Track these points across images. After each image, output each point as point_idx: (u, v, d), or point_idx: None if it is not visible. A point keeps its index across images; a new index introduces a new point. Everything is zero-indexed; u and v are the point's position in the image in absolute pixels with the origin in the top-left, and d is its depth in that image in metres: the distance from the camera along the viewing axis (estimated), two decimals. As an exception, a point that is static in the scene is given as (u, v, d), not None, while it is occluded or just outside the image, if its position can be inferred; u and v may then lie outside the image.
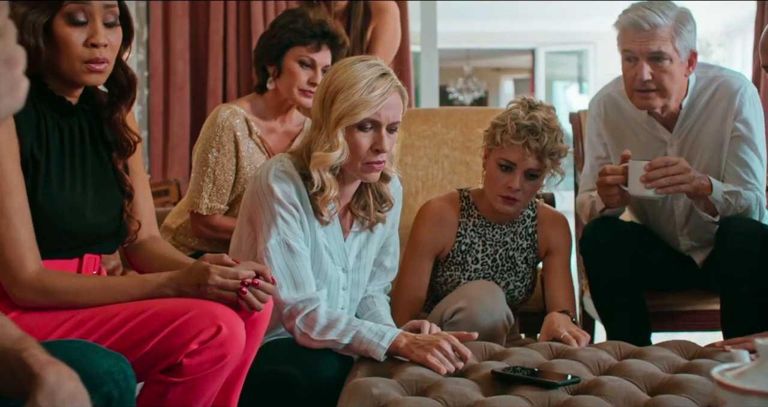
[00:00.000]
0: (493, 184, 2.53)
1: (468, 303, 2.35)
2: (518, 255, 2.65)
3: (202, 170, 2.71)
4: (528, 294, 2.70)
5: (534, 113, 2.48)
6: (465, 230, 2.63)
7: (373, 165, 2.12)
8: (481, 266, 2.63)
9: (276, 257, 2.10)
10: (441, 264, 2.65)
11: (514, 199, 2.50)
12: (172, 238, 2.84)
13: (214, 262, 1.82)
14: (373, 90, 2.09)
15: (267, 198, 2.11)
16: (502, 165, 2.50)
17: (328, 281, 2.21)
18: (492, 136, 2.53)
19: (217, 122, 2.69)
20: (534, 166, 2.47)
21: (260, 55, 2.76)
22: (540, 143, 2.44)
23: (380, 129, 2.11)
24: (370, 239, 2.31)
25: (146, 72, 5.09)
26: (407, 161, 3.48)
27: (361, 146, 2.11)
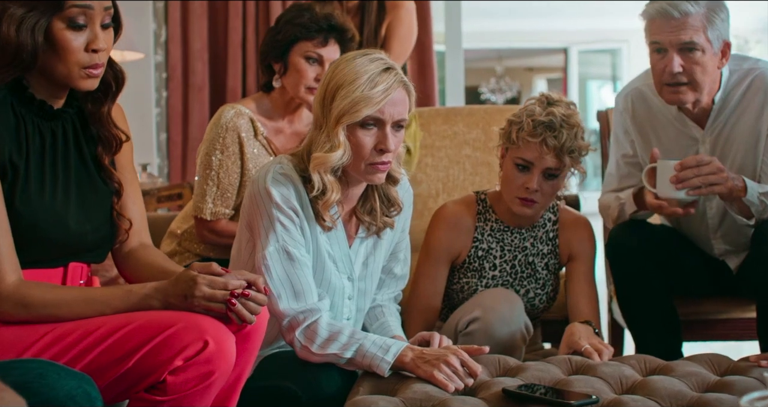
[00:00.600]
0: (509, 185, 2.40)
1: (483, 313, 2.22)
2: (539, 261, 2.52)
3: (205, 174, 2.60)
4: (549, 302, 2.56)
5: (552, 108, 2.34)
6: (482, 234, 2.50)
7: (377, 166, 1.99)
8: (499, 273, 2.50)
9: (274, 265, 1.97)
10: (457, 271, 2.52)
11: (533, 200, 2.37)
12: (177, 244, 2.73)
13: (202, 271, 1.70)
14: (376, 85, 1.96)
15: (265, 203, 1.99)
16: (518, 165, 2.37)
17: (332, 290, 2.08)
18: (507, 134, 2.40)
19: (221, 123, 2.58)
20: (552, 165, 2.34)
21: (265, 51, 2.64)
22: (558, 140, 2.30)
23: (384, 127, 1.98)
24: (377, 245, 2.17)
25: (165, 73, 5.00)
26: (427, 161, 3.37)
27: (364, 146, 1.98)
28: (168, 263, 1.92)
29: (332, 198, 2.00)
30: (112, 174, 1.89)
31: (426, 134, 3.37)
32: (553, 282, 2.54)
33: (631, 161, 2.66)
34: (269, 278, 1.96)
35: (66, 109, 1.84)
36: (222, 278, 1.69)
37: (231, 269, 2.13)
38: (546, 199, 2.40)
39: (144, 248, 1.95)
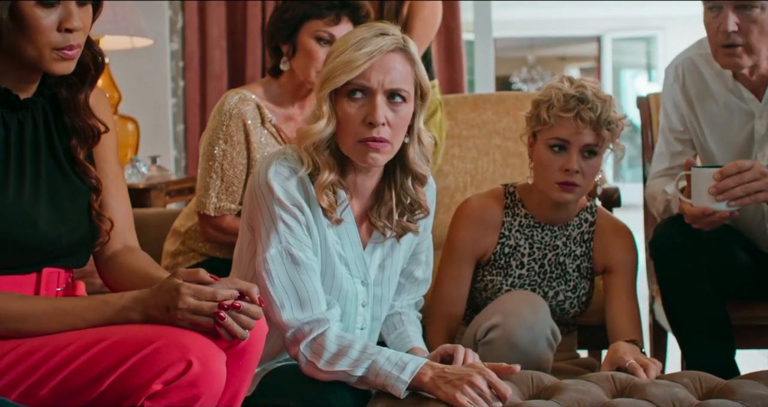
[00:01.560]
0: (546, 171, 2.18)
1: (504, 318, 2.01)
2: (570, 262, 2.31)
3: (208, 166, 2.39)
4: (582, 307, 2.34)
5: (581, 81, 2.17)
6: (509, 230, 2.29)
7: (368, 143, 1.75)
8: (526, 272, 2.28)
9: (276, 269, 1.75)
10: (482, 268, 2.31)
11: (573, 184, 2.16)
12: (181, 243, 2.53)
13: (187, 279, 1.48)
14: (361, 48, 1.74)
15: (266, 199, 1.77)
16: (553, 146, 2.16)
17: (343, 296, 1.85)
18: (536, 115, 2.19)
19: (224, 110, 2.36)
20: (590, 140, 2.14)
21: (272, 32, 2.42)
22: (594, 112, 2.12)
23: (374, 97, 1.75)
24: (395, 246, 1.94)
25: (181, 62, 4.80)
26: (454, 152, 3.18)
27: (350, 119, 1.76)
28: (154, 268, 1.70)
29: (326, 179, 1.78)
30: (88, 169, 1.68)
31: (452, 123, 3.18)
32: (586, 286, 2.32)
33: (682, 138, 2.45)
34: (270, 285, 1.74)
35: (35, 98, 1.63)
36: (210, 287, 1.47)
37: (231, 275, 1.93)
38: (587, 181, 2.19)
39: (128, 252, 1.74)
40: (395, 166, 1.86)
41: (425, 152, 1.86)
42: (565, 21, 12.26)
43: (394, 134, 1.77)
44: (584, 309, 2.34)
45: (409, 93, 1.78)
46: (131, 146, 3.44)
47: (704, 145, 2.43)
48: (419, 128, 1.84)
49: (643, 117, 3.15)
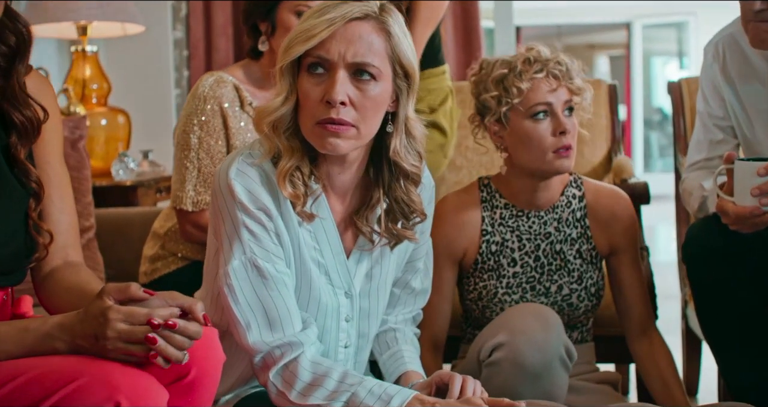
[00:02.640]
0: (538, 143, 2.00)
1: (510, 336, 1.78)
2: (568, 248, 2.08)
3: (183, 155, 2.16)
4: (593, 300, 2.09)
5: (524, 48, 2.05)
6: (491, 225, 2.07)
7: (325, 126, 1.50)
8: (521, 269, 2.06)
9: (240, 284, 1.51)
10: (471, 275, 2.08)
11: (569, 146, 2.00)
12: (160, 246, 2.29)
13: (118, 297, 1.24)
14: (322, 16, 1.50)
15: (226, 203, 1.53)
16: (536, 114, 1.99)
17: (322, 311, 1.60)
18: (504, 90, 2.00)
19: (198, 93, 2.14)
20: (568, 96, 2.02)
21: (249, 10, 2.20)
22: (563, 65, 2.02)
23: (335, 71, 1.50)
24: (385, 252, 1.69)
25: (186, 51, 4.58)
26: (468, 144, 2.94)
27: (308, 97, 1.51)
28: (92, 283, 1.46)
29: (285, 165, 1.53)
30: (29, 171, 1.45)
31: (467, 111, 2.90)
32: (594, 275, 2.09)
33: (722, 125, 2.19)
34: (234, 303, 1.50)
35: None
36: (144, 306, 1.23)
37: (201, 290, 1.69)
38: (575, 141, 2.04)
39: (68, 268, 1.50)
40: (382, 160, 1.61)
41: (416, 146, 1.60)
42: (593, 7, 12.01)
43: (362, 117, 1.51)
44: (596, 302, 2.11)
45: (380, 70, 1.52)
46: (122, 139, 3.21)
47: (748, 133, 2.15)
48: (407, 116, 1.59)
49: (674, 104, 2.92)
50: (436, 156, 2.73)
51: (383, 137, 1.58)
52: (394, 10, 1.56)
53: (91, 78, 3.21)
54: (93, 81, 3.21)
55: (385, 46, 1.53)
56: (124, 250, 2.60)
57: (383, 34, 1.53)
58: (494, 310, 2.04)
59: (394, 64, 1.54)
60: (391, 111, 1.58)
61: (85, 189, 2.44)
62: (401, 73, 1.56)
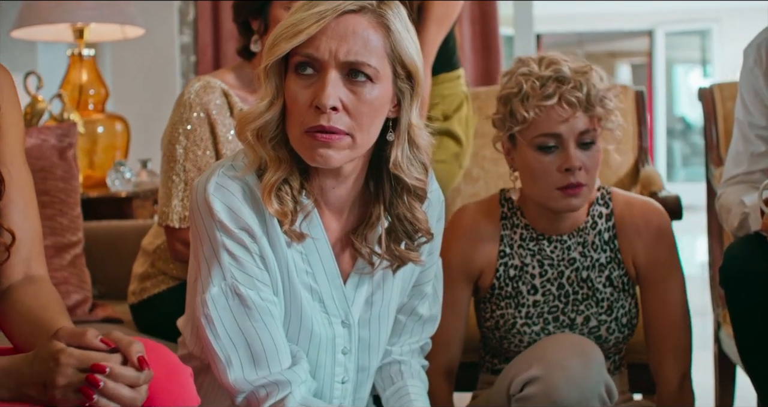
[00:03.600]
0: (541, 177, 1.76)
1: (546, 371, 1.60)
2: (596, 275, 1.86)
3: (169, 168, 1.99)
4: (624, 332, 1.88)
5: (549, 58, 1.75)
6: (510, 247, 1.86)
7: (314, 135, 1.32)
8: (542, 297, 1.85)
9: (220, 314, 1.33)
10: (488, 301, 1.88)
11: (579, 184, 1.74)
12: (150, 264, 2.12)
13: (72, 343, 1.07)
14: (310, 9, 1.31)
15: (205, 221, 1.36)
16: (542, 146, 1.75)
17: (315, 343, 1.42)
18: (510, 113, 1.77)
19: (184, 101, 1.97)
20: (585, 126, 1.74)
21: (240, 6, 2.03)
22: (580, 91, 1.71)
23: (325, 72, 1.32)
24: (387, 275, 1.50)
25: (193, 56, 4.45)
26: (485, 154, 2.80)
27: (296, 101, 1.33)
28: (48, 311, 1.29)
29: (271, 178, 1.35)
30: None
31: (484, 119, 2.74)
32: (626, 304, 1.88)
33: (765, 135, 2.00)
34: (212, 335, 1.33)
35: None
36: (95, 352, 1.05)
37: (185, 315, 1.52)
38: (591, 176, 1.77)
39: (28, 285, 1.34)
40: (382, 173, 1.43)
41: (420, 157, 1.41)
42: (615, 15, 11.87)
43: (357, 124, 1.33)
44: (628, 334, 1.89)
45: (378, 70, 1.34)
46: (120, 148, 3.04)
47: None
48: (410, 123, 1.40)
49: (706, 111, 2.75)
50: (451, 166, 2.55)
51: (383, 147, 1.40)
52: (395, 3, 1.38)
53: (88, 83, 3.05)
54: (90, 86, 3.05)
55: (384, 43, 1.34)
56: (115, 266, 2.43)
57: (381, 30, 1.35)
58: (512, 341, 1.86)
59: (394, 63, 1.36)
60: (392, 117, 1.40)
61: (74, 201, 2.26)
62: (403, 75, 1.37)
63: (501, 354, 1.88)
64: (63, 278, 2.12)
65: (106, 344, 1.10)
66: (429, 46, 2.42)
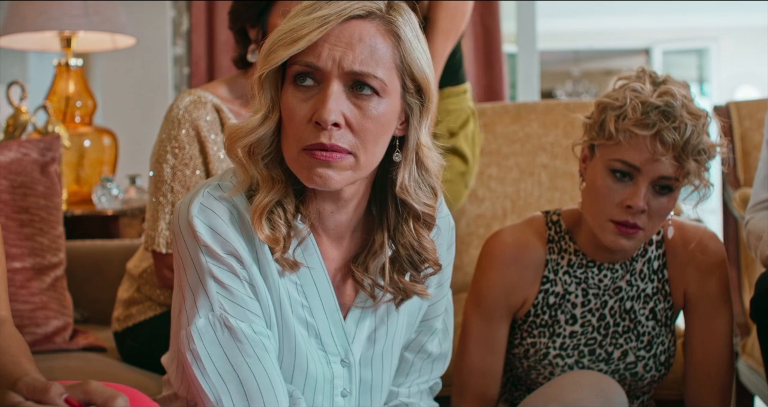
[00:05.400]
0: (600, 202, 1.61)
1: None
2: (640, 307, 1.73)
3: (155, 189, 1.86)
4: (661, 370, 1.74)
5: (667, 87, 1.56)
6: (555, 273, 1.71)
7: (314, 153, 1.19)
8: (580, 328, 1.71)
9: (208, 349, 1.20)
10: (519, 327, 1.74)
11: (635, 227, 1.59)
12: (136, 290, 1.98)
13: (33, 397, 0.93)
14: (312, 13, 1.18)
15: (188, 246, 1.22)
16: (616, 171, 1.59)
17: (310, 383, 1.29)
18: (600, 124, 1.61)
19: (172, 116, 1.83)
20: (669, 172, 1.56)
21: (236, 12, 1.90)
22: (680, 134, 1.53)
23: (327, 83, 1.19)
24: (392, 309, 1.36)
25: (186, 68, 4.33)
26: (491, 172, 2.70)
27: (293, 115, 1.20)
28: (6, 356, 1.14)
29: (262, 201, 1.22)
30: None
31: (490, 136, 2.69)
32: (666, 340, 1.74)
33: None
34: (200, 372, 1.19)
35: None
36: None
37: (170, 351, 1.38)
38: (653, 224, 1.61)
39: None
40: (386, 196, 1.30)
41: (430, 180, 1.28)
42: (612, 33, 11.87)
43: (361, 142, 1.20)
44: (664, 373, 1.75)
45: (386, 83, 1.20)
46: (108, 163, 2.89)
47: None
48: (419, 143, 1.26)
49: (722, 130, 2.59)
50: (456, 186, 2.42)
51: (389, 168, 1.27)
52: (406, 9, 1.25)
53: (75, 94, 2.90)
54: (77, 98, 2.90)
55: (393, 53, 1.21)
56: (100, 289, 2.29)
57: (390, 38, 1.21)
58: (542, 373, 1.71)
59: (403, 76, 1.23)
60: (400, 136, 1.26)
61: (55, 220, 2.11)
62: (412, 89, 1.24)
63: (524, 384, 1.74)
64: (42, 302, 1.98)
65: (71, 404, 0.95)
66: (436, 60, 2.30)
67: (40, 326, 1.94)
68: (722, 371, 1.74)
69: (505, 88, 4.11)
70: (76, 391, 0.98)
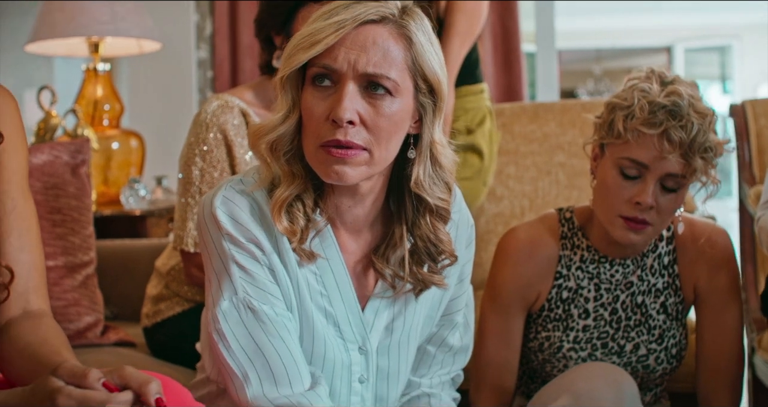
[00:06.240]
0: (610, 198, 1.66)
1: (574, 401, 1.52)
2: (651, 301, 1.77)
3: (184, 190, 1.92)
4: (672, 363, 1.79)
5: (675, 87, 1.61)
6: (568, 268, 1.76)
7: (330, 150, 1.26)
8: (593, 322, 1.76)
9: (233, 329, 1.27)
10: (534, 321, 1.79)
11: (644, 222, 1.64)
12: (164, 286, 2.05)
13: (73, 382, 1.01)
14: (329, 18, 1.25)
15: (212, 235, 1.30)
16: (625, 169, 1.63)
17: (328, 368, 1.35)
18: (609, 123, 1.66)
19: (200, 121, 1.90)
20: (676, 169, 1.61)
21: (262, 20, 1.96)
22: (687, 133, 1.58)
23: (342, 84, 1.26)
24: (410, 300, 1.42)
25: (210, 72, 4.39)
26: (509, 171, 2.73)
27: (311, 114, 1.27)
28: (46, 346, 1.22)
29: (283, 194, 1.29)
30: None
31: (508, 136, 2.71)
32: (677, 333, 1.78)
33: None
34: (226, 351, 1.27)
35: None
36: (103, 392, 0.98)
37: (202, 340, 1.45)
38: (662, 219, 1.66)
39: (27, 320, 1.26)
40: (403, 191, 1.36)
41: (444, 176, 1.34)
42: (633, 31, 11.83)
43: (375, 139, 1.27)
44: (676, 365, 1.80)
45: (398, 83, 1.27)
46: (135, 164, 2.97)
47: None
48: (432, 140, 1.33)
49: (737, 128, 2.65)
50: (474, 183, 2.47)
51: (404, 165, 1.34)
52: (418, 13, 1.31)
53: (103, 98, 2.99)
54: (105, 101, 2.99)
55: (405, 55, 1.28)
56: (129, 287, 2.36)
57: (403, 41, 1.28)
58: (556, 366, 1.77)
59: (415, 77, 1.29)
60: (414, 133, 1.33)
61: (86, 220, 2.19)
62: (425, 89, 1.30)
63: (540, 377, 1.79)
64: (74, 299, 2.05)
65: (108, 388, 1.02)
66: (452, 62, 2.35)
67: (72, 322, 2.02)
68: (732, 364, 1.78)
69: (524, 87, 4.13)
70: (112, 376, 1.04)
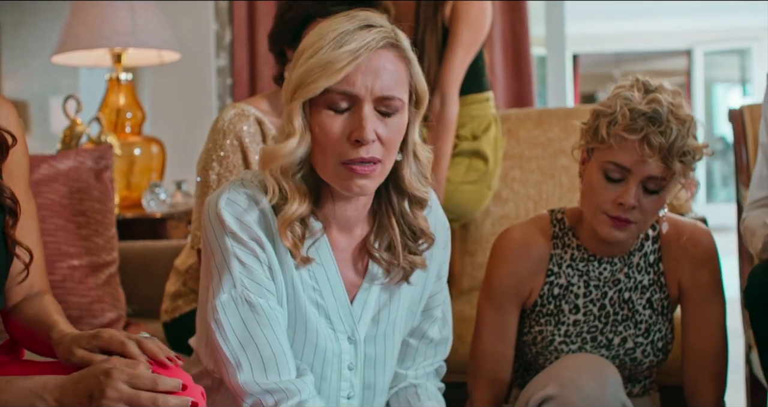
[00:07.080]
0: (595, 198, 1.75)
1: (560, 390, 1.62)
2: (637, 297, 1.86)
3: (202, 193, 2.04)
4: (659, 356, 1.88)
5: (655, 95, 1.70)
6: (559, 266, 1.86)
7: (353, 167, 1.38)
8: (582, 317, 1.86)
9: (230, 319, 1.39)
10: (527, 316, 1.89)
11: (627, 221, 1.73)
12: (182, 283, 2.17)
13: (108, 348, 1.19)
14: (342, 45, 1.36)
15: (216, 233, 1.42)
16: (609, 172, 1.73)
17: (320, 357, 1.47)
18: (594, 129, 1.75)
19: (218, 128, 2.02)
20: (656, 172, 1.70)
21: (275, 34, 2.07)
22: (666, 138, 1.68)
23: (360, 107, 1.38)
24: (395, 294, 1.55)
25: (229, 79, 4.50)
26: (514, 175, 2.80)
27: (330, 134, 1.38)
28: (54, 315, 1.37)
29: (294, 212, 1.41)
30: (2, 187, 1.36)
31: (513, 141, 2.79)
32: (662, 328, 1.88)
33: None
34: (222, 339, 1.39)
35: None
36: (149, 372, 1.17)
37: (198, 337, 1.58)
38: (646, 218, 1.75)
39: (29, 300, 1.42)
40: (389, 187, 1.50)
41: (423, 170, 1.49)
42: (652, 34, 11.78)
43: (387, 151, 1.40)
44: (662, 358, 1.89)
45: (404, 101, 1.41)
46: (156, 169, 3.11)
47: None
48: (414, 142, 1.47)
49: (736, 132, 2.73)
50: (479, 187, 2.58)
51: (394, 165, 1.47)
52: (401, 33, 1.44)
53: (125, 106, 3.12)
54: (128, 109, 3.12)
55: (406, 74, 1.42)
56: (149, 285, 2.49)
57: (403, 62, 1.42)
58: (549, 358, 1.87)
59: (411, 92, 1.44)
60: None
61: (109, 222, 2.33)
62: (414, 100, 1.45)
63: (534, 370, 1.90)
64: (98, 296, 2.18)
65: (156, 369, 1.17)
66: (456, 70, 2.46)
67: (96, 317, 2.15)
68: (716, 357, 1.87)
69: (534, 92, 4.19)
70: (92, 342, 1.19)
